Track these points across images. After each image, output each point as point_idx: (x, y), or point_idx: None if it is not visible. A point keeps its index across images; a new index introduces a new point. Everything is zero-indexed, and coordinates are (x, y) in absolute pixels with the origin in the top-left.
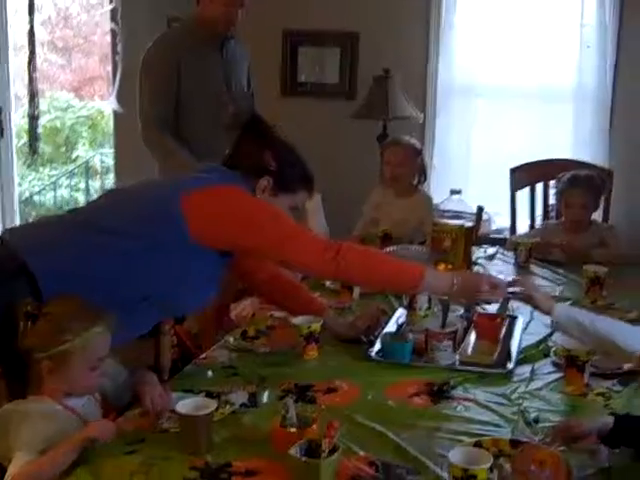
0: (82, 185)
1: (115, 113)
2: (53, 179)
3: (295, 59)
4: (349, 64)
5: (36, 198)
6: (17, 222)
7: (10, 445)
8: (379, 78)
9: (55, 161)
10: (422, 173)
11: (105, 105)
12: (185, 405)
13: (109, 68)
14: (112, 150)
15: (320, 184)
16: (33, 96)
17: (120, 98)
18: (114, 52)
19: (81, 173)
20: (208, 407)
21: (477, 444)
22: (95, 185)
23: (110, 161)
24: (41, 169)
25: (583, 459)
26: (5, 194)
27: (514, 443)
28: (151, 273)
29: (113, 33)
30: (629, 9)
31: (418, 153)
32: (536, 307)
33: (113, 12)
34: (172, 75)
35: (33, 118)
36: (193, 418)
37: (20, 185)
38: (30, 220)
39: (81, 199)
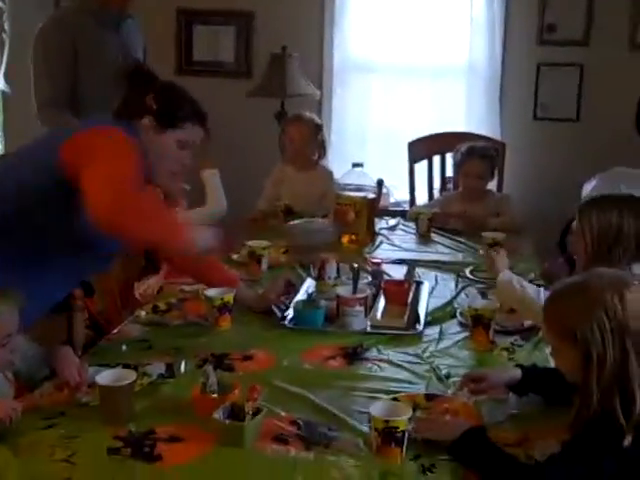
0: None
1: (3, 94)
2: None
3: (190, 38)
4: (245, 43)
5: None
6: None
7: None
8: (276, 56)
9: None
10: (322, 148)
11: None
12: (105, 377)
13: None
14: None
15: (218, 162)
16: None
17: (8, 78)
18: (0, 30)
19: None
20: (127, 378)
21: (394, 399)
22: None
23: None
24: None
25: (493, 407)
26: None
27: (429, 397)
28: (38, 234)
29: None
30: None
31: (319, 129)
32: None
33: None
34: (68, 54)
35: None
36: (114, 388)
37: None
38: None
39: None
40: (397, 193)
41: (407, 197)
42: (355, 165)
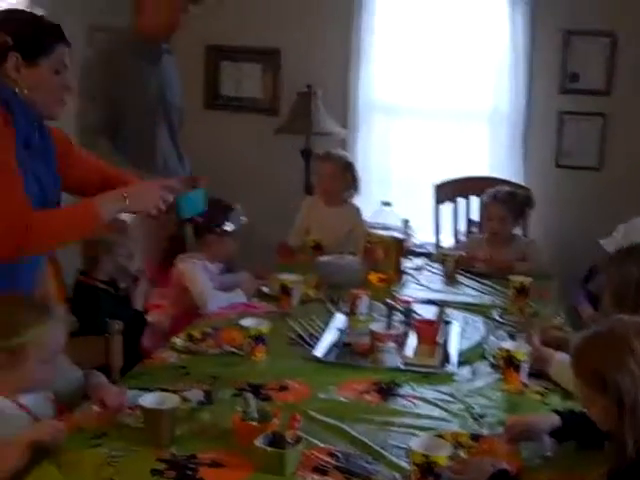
0: None
1: None
2: None
3: (218, 74)
4: (271, 79)
5: None
6: None
7: None
8: (303, 94)
9: None
10: (354, 185)
11: None
12: (148, 400)
13: None
14: None
15: (244, 196)
16: None
17: None
18: None
19: None
20: (170, 402)
21: (438, 436)
22: None
23: None
24: None
25: (531, 450)
26: None
27: (474, 437)
28: None
29: None
30: (540, 33)
31: (349, 166)
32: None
33: None
34: (110, 85)
35: None
36: (159, 412)
37: None
38: None
39: None
40: (420, 234)
41: (430, 238)
42: (384, 204)
